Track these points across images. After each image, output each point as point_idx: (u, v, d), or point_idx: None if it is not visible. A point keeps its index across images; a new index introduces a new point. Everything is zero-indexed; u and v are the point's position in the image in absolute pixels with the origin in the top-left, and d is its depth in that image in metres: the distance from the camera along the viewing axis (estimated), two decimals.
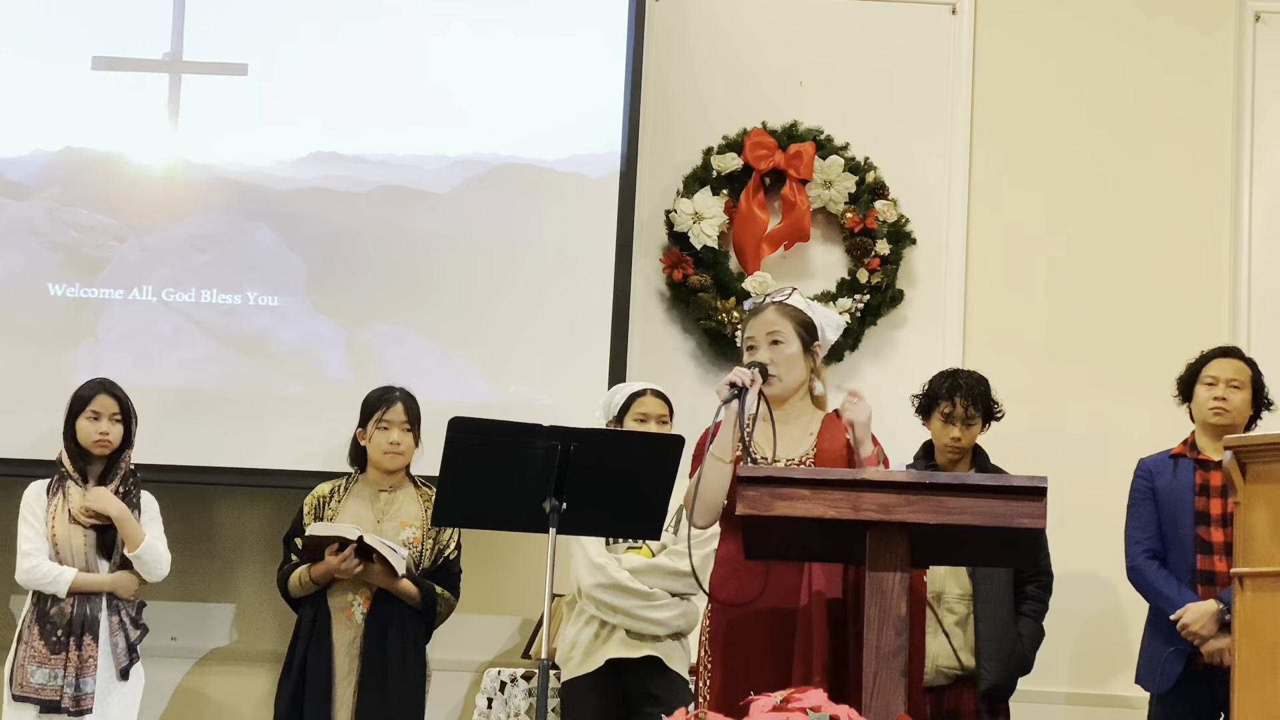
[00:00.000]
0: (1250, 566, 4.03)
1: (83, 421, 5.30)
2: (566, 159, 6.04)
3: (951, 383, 5.37)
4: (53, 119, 5.97)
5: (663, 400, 5.20)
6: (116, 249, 5.95)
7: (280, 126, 6.00)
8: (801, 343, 4.22)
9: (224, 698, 6.12)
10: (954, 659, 5.24)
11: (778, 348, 4.20)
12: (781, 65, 6.36)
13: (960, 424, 5.31)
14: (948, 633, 5.25)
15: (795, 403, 4.24)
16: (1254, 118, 6.30)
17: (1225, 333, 6.13)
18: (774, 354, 4.20)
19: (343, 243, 5.99)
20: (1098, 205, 6.36)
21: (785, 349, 4.20)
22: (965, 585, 5.31)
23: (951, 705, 5.27)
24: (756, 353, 4.21)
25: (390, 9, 6.07)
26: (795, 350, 4.21)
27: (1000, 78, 6.39)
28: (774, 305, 4.26)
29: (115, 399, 5.32)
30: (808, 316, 4.26)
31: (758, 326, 4.24)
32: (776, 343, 4.21)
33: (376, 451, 5.35)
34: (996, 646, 5.26)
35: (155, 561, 5.29)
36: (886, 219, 6.25)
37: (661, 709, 4.89)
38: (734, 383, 4.07)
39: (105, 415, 5.31)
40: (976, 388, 5.37)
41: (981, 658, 5.26)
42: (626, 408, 5.16)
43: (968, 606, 5.30)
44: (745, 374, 4.09)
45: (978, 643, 5.26)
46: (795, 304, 4.28)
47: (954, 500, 3.73)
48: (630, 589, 5.03)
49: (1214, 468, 5.11)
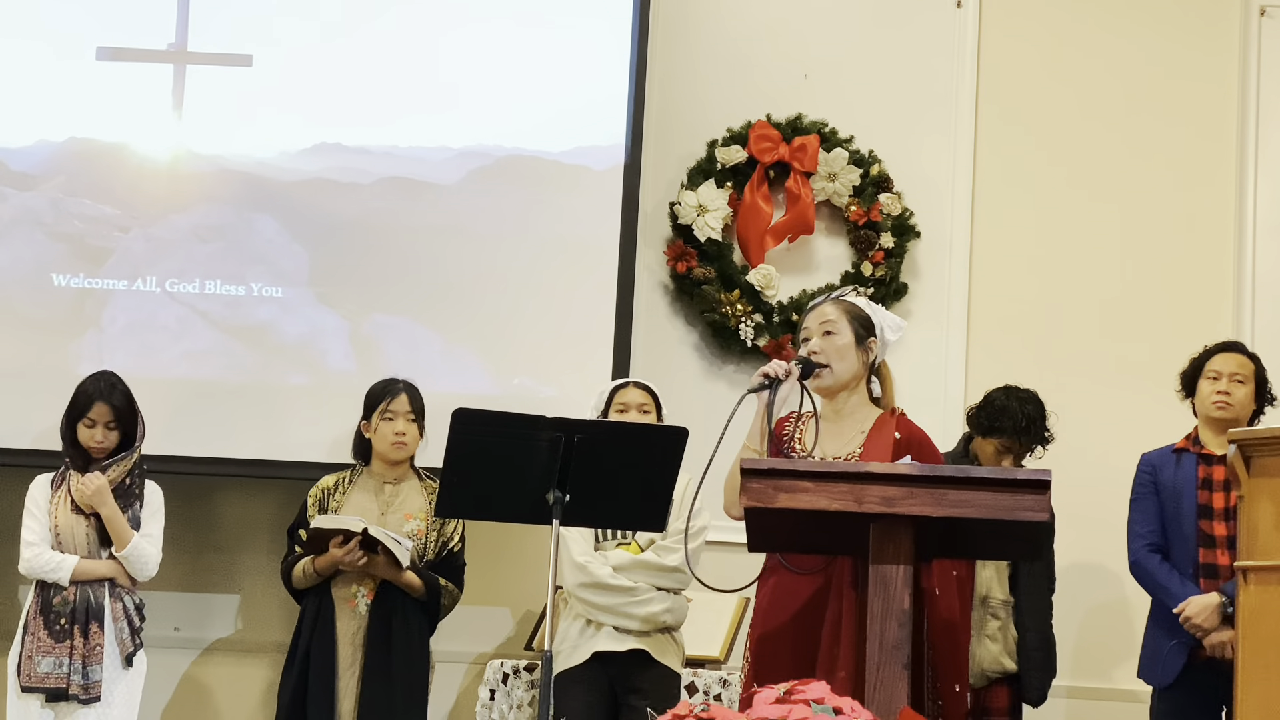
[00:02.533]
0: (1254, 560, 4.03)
1: (80, 426, 5.31)
2: (571, 151, 6.04)
3: (1015, 423, 5.38)
4: (57, 109, 5.97)
5: (644, 390, 5.22)
6: (121, 239, 5.95)
7: (284, 118, 6.00)
8: (855, 336, 4.23)
9: (228, 688, 6.13)
10: (997, 662, 5.32)
11: (829, 338, 4.23)
12: (786, 58, 6.36)
13: (1013, 457, 5.38)
14: (990, 636, 5.33)
15: (848, 399, 4.25)
16: (1259, 112, 6.30)
17: (1229, 327, 6.13)
18: (825, 344, 4.22)
19: (346, 234, 5.99)
20: (1102, 198, 6.36)
21: (837, 340, 4.23)
22: (1005, 592, 5.39)
23: (984, 704, 5.34)
24: (809, 344, 4.22)
25: (395, 0, 6.07)
26: (847, 342, 4.23)
27: (1005, 71, 6.39)
28: (832, 300, 4.30)
29: (111, 407, 5.28)
30: (864, 313, 4.28)
31: (813, 319, 4.27)
32: (829, 334, 4.23)
33: (382, 443, 5.36)
34: (1042, 656, 5.39)
35: (141, 562, 5.29)
36: (891, 212, 6.25)
37: (647, 702, 4.92)
38: (767, 373, 4.08)
39: (100, 424, 5.29)
40: (1034, 427, 5.39)
41: (1031, 666, 5.37)
42: (610, 400, 5.19)
43: (1008, 612, 5.37)
44: (781, 367, 4.11)
45: (1026, 652, 5.38)
46: (855, 301, 4.31)
47: (957, 493, 3.72)
48: (612, 586, 5.05)
49: (1217, 462, 5.11)
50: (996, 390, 5.53)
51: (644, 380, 5.33)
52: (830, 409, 4.26)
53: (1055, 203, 6.36)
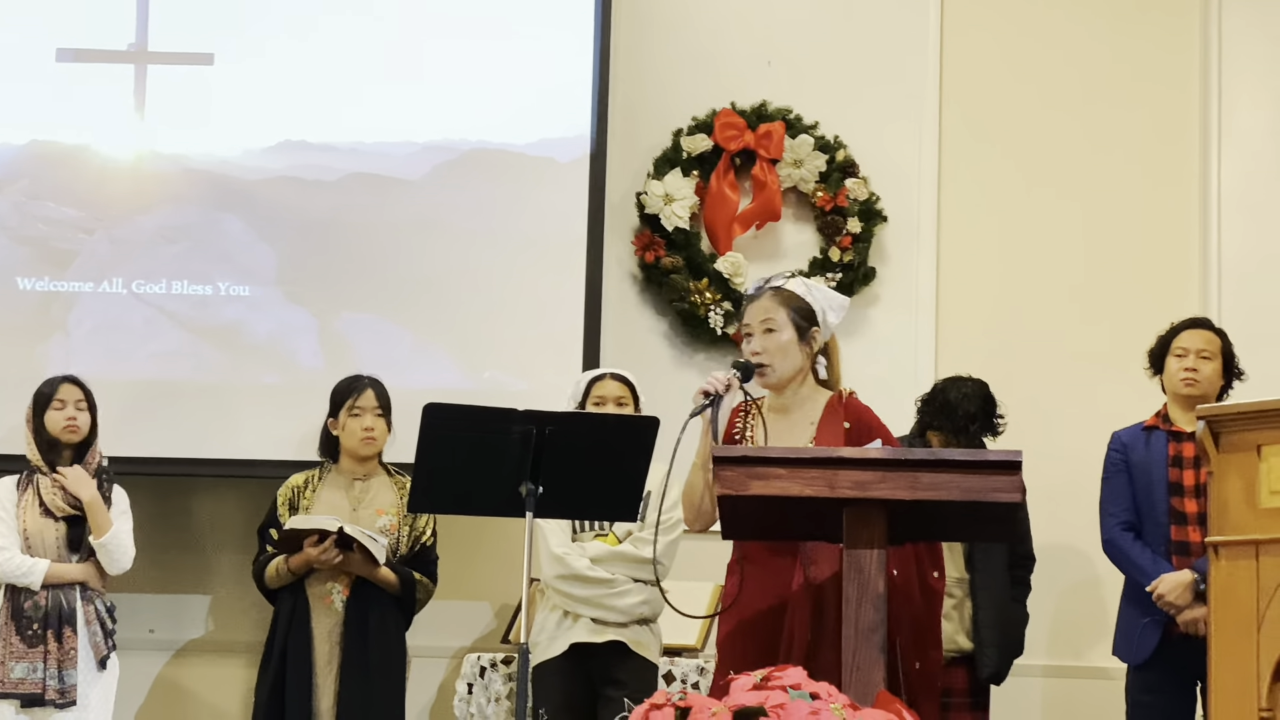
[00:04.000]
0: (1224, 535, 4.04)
1: (50, 412, 5.29)
2: (536, 143, 6.03)
3: (954, 422, 5.38)
4: (18, 112, 5.94)
5: (621, 382, 5.20)
6: (86, 241, 5.92)
7: (248, 116, 5.97)
8: (797, 329, 4.16)
9: (202, 689, 6.11)
10: (952, 641, 5.30)
11: (770, 335, 4.15)
12: (749, 45, 6.36)
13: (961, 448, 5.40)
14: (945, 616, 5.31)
15: (795, 390, 4.20)
16: (1221, 87, 6.32)
17: (1196, 304, 6.15)
18: (766, 342, 4.15)
19: (313, 231, 5.97)
20: (1067, 178, 6.37)
21: (778, 336, 4.15)
22: (961, 570, 5.36)
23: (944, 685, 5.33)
24: (750, 340, 4.17)
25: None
26: (789, 338, 4.16)
27: (968, 53, 6.40)
28: (770, 291, 4.20)
29: (79, 387, 5.33)
30: (804, 302, 4.18)
31: (753, 314, 4.19)
32: (770, 330, 4.16)
33: (351, 439, 5.35)
34: (997, 633, 5.36)
35: (120, 551, 5.28)
36: (857, 197, 6.25)
37: (625, 693, 4.92)
38: (706, 391, 4.04)
39: (70, 402, 5.31)
40: (974, 424, 5.39)
41: (983, 644, 5.34)
42: (587, 392, 5.18)
43: (964, 590, 5.35)
44: (720, 380, 4.05)
45: (978, 629, 5.35)
46: (793, 288, 4.20)
47: (930, 476, 3.72)
48: (590, 578, 5.05)
49: (1186, 439, 5.13)
50: (943, 382, 5.53)
51: (620, 371, 5.31)
52: (778, 402, 4.21)
53: (1021, 186, 6.37)
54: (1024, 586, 5.54)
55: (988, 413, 5.47)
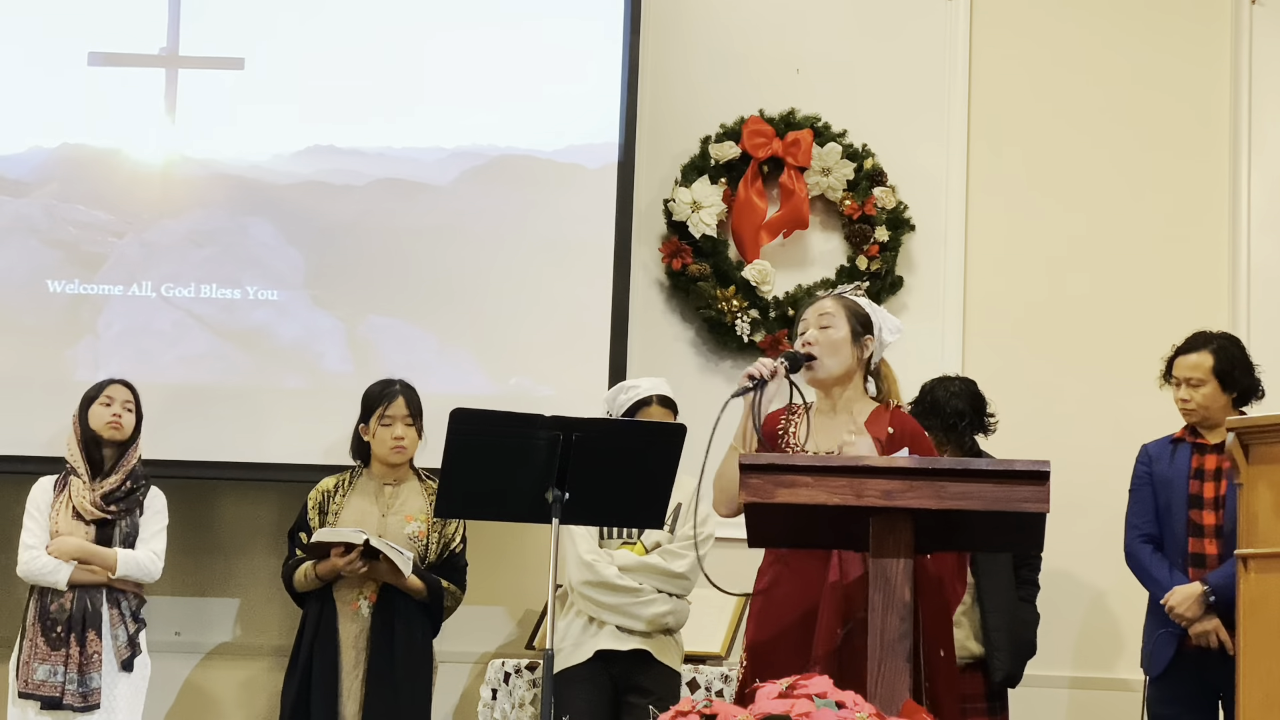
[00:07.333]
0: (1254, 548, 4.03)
1: (96, 407, 5.33)
2: (564, 149, 6.03)
3: (943, 420, 5.35)
4: (50, 116, 5.97)
5: (668, 409, 5.18)
6: (115, 245, 5.95)
7: (277, 120, 5.99)
8: (851, 332, 4.24)
9: (229, 692, 6.13)
10: (963, 647, 5.27)
11: (825, 331, 4.24)
12: (778, 52, 6.36)
13: (952, 448, 5.35)
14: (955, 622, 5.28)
15: (842, 393, 4.25)
16: (1251, 102, 6.29)
17: (1225, 317, 6.13)
18: (820, 336, 4.23)
19: (341, 236, 5.98)
20: (1096, 189, 6.35)
21: (832, 333, 4.23)
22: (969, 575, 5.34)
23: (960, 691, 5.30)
24: (805, 335, 4.24)
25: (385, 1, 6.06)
26: (843, 336, 4.23)
27: (997, 63, 6.38)
28: (833, 295, 4.33)
29: (129, 389, 5.39)
30: (864, 310, 4.29)
31: (812, 311, 4.29)
32: (826, 327, 4.24)
33: (381, 447, 5.35)
34: (1007, 636, 5.33)
35: (138, 572, 5.31)
36: (885, 206, 6.24)
37: (648, 700, 4.93)
38: (752, 374, 4.08)
39: (118, 401, 5.35)
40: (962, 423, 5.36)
41: (994, 648, 5.32)
42: (631, 413, 5.16)
43: (972, 595, 5.33)
44: (766, 366, 4.11)
45: (988, 634, 5.32)
46: (856, 297, 4.33)
47: (957, 485, 3.71)
48: (618, 586, 5.06)
49: (1210, 451, 5.10)
50: (931, 382, 5.50)
51: (666, 393, 5.23)
52: (825, 403, 4.26)
53: (1049, 196, 6.35)
54: (1031, 586, 5.47)
55: (977, 410, 5.44)
